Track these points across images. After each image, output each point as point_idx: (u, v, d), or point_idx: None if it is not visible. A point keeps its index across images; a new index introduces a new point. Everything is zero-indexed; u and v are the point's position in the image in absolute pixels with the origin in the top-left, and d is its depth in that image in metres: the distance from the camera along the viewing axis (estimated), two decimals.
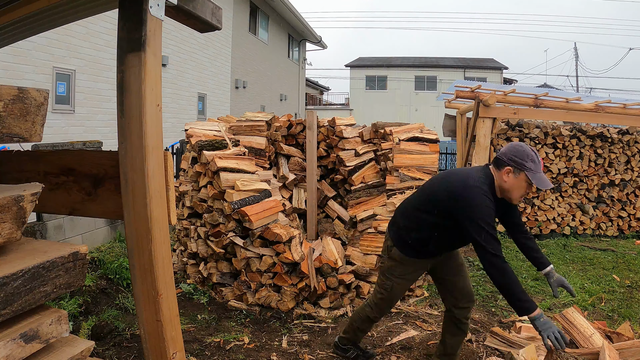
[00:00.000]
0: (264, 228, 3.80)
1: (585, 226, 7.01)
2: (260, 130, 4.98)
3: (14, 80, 5.90)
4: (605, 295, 4.32)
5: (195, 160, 4.41)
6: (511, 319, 3.78)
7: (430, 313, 3.88)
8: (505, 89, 7.58)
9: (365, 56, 33.43)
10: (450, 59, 30.88)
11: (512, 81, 30.46)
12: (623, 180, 7.05)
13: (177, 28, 9.45)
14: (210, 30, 2.16)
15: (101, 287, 3.96)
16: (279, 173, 5.37)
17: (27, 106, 1.37)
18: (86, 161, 1.96)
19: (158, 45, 1.79)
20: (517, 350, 2.88)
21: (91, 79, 7.60)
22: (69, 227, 4.84)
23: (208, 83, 12.23)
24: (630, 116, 6.87)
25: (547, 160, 6.88)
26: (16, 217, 1.30)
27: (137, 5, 1.72)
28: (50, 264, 1.37)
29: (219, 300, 4.00)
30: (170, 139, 9.51)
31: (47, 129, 3.30)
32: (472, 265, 5.29)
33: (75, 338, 1.54)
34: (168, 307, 1.86)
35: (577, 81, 31.24)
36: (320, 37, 21.09)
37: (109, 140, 6.64)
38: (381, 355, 3.11)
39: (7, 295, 1.23)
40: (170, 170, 1.90)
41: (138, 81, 1.73)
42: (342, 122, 5.69)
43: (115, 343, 3.11)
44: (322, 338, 3.39)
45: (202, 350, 3.11)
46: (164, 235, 1.86)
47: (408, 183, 4.45)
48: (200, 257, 4.28)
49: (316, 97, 33.50)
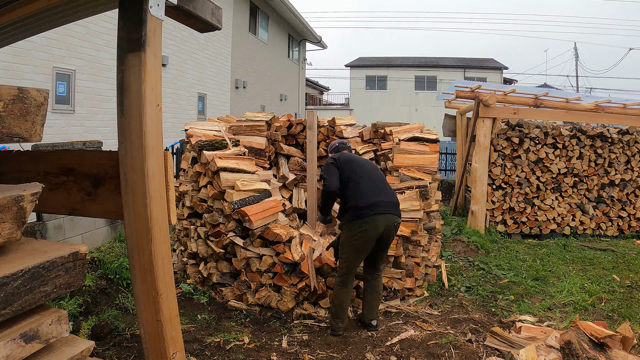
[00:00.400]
0: (264, 228, 3.80)
1: (585, 226, 7.01)
2: (260, 130, 4.98)
3: (14, 80, 5.90)
4: (605, 295, 4.32)
5: (195, 160, 4.41)
6: (511, 318, 3.78)
7: (431, 313, 3.88)
8: (505, 89, 7.59)
9: (365, 56, 33.42)
10: (450, 59, 30.88)
11: (512, 81, 30.46)
12: (623, 180, 7.05)
13: (177, 28, 9.44)
14: (210, 30, 2.16)
15: (101, 287, 3.96)
16: (279, 173, 5.37)
17: (27, 106, 1.37)
18: (86, 161, 1.96)
19: (158, 45, 1.79)
20: (517, 350, 2.88)
21: (91, 79, 7.60)
22: (69, 227, 4.84)
23: (208, 83, 12.23)
24: (630, 116, 6.88)
25: (547, 160, 6.88)
26: (16, 217, 1.30)
27: (137, 5, 1.72)
28: (50, 264, 1.37)
29: (219, 300, 4.00)
30: (170, 139, 9.51)
31: (47, 129, 3.30)
32: (472, 265, 5.30)
33: (75, 338, 1.54)
34: (168, 307, 1.86)
35: (577, 81, 31.24)
36: (320, 37, 21.09)
37: (109, 140, 6.64)
38: (381, 355, 3.11)
39: (7, 295, 1.23)
40: (170, 170, 1.90)
41: (138, 81, 1.73)
42: (342, 122, 5.69)
43: (115, 343, 3.11)
44: (322, 338, 3.39)
45: (202, 350, 3.11)
46: (164, 235, 1.86)
47: (408, 183, 4.45)
48: (200, 257, 4.28)
49: (316, 97, 33.50)
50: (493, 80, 25.53)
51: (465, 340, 3.30)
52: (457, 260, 5.43)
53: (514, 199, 6.90)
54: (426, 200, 4.34)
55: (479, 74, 27.12)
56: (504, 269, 5.17)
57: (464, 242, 6.00)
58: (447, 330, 3.50)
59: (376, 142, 5.48)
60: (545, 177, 6.92)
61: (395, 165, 4.70)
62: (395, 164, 4.71)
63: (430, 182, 4.50)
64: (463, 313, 3.87)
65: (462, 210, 8.04)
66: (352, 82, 29.81)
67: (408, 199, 4.19)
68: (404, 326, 3.59)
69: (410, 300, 4.16)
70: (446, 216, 7.59)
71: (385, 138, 5.35)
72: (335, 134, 5.58)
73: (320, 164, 5.69)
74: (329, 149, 4.09)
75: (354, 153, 5.38)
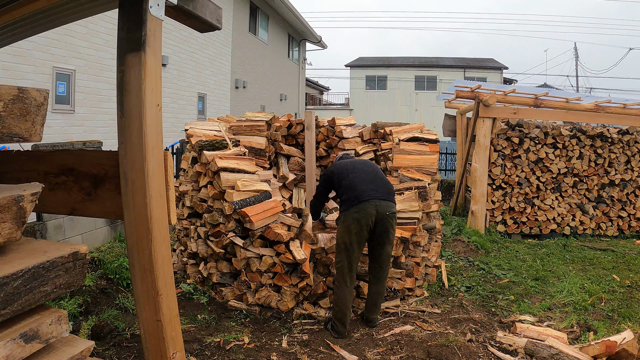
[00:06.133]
0: (264, 228, 3.80)
1: (585, 226, 7.01)
2: (260, 130, 4.97)
3: (14, 80, 5.90)
4: (605, 295, 4.32)
5: (195, 160, 4.41)
6: (511, 318, 3.78)
7: (431, 313, 3.88)
8: (505, 89, 7.59)
9: (365, 56, 33.41)
10: (450, 59, 30.87)
11: (512, 81, 30.45)
12: (623, 180, 7.05)
13: (177, 28, 9.44)
14: (210, 30, 2.16)
15: (101, 287, 3.96)
16: (279, 173, 5.37)
17: (27, 106, 1.37)
18: (86, 161, 1.96)
19: (158, 45, 1.79)
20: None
21: (91, 79, 7.60)
22: (69, 227, 4.84)
23: (208, 83, 12.23)
24: (630, 116, 6.88)
25: (547, 160, 6.88)
26: (16, 217, 1.30)
27: (137, 5, 1.72)
28: (50, 264, 1.37)
29: (219, 300, 4.00)
30: (170, 139, 9.51)
31: (47, 129, 3.30)
32: (472, 265, 5.30)
33: (75, 338, 1.54)
34: (168, 307, 1.86)
35: (577, 81, 31.24)
36: (320, 37, 21.09)
37: (109, 140, 6.64)
38: (381, 355, 3.11)
39: (7, 295, 1.23)
40: (170, 170, 1.90)
41: (138, 81, 1.73)
42: (342, 122, 5.69)
43: (115, 343, 3.11)
44: (321, 338, 3.39)
45: (202, 350, 3.11)
46: (164, 235, 1.86)
47: (407, 184, 4.45)
48: (200, 257, 4.28)
49: (316, 97, 33.49)
50: (493, 80, 25.52)
51: (465, 340, 3.30)
52: (457, 260, 5.43)
53: (514, 199, 6.90)
54: (425, 201, 4.34)
55: (479, 74, 27.13)
56: (504, 269, 5.17)
57: (464, 242, 5.99)
58: (447, 330, 3.50)
59: (376, 142, 5.48)
60: (545, 177, 6.92)
61: (395, 166, 4.70)
62: (394, 165, 4.71)
63: (429, 183, 4.49)
64: (463, 313, 3.87)
65: (462, 210, 8.04)
66: (352, 82, 29.81)
67: (407, 199, 4.19)
68: (404, 326, 3.59)
69: (410, 300, 4.16)
70: (446, 216, 7.59)
71: (385, 138, 5.35)
72: (335, 134, 5.58)
73: (320, 164, 5.69)
74: (334, 161, 4.22)
75: (354, 153, 5.39)
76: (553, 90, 11.09)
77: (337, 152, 5.46)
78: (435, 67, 28.66)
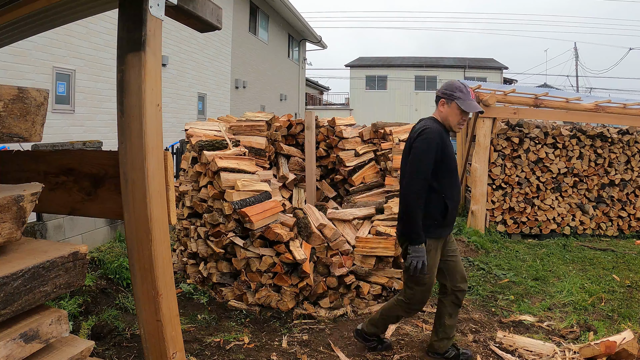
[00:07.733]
0: (264, 228, 3.80)
1: (585, 226, 7.01)
2: (260, 130, 4.98)
3: (14, 80, 5.90)
4: (605, 295, 4.32)
5: (195, 160, 4.41)
6: (511, 318, 3.78)
7: (431, 312, 3.88)
8: (505, 88, 7.58)
9: (365, 56, 33.42)
10: (450, 59, 30.88)
11: (512, 81, 30.45)
12: (623, 180, 7.05)
13: (177, 28, 9.44)
14: (210, 30, 2.16)
15: (101, 287, 3.96)
16: (279, 173, 5.37)
17: (27, 106, 1.37)
18: (86, 161, 1.96)
19: (158, 45, 1.79)
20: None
21: (91, 79, 7.60)
22: (69, 227, 4.84)
23: (208, 83, 12.23)
24: (630, 116, 6.87)
25: (547, 160, 6.88)
26: (16, 217, 1.30)
27: (137, 5, 1.72)
28: (50, 263, 1.37)
29: (219, 300, 4.00)
30: (170, 139, 9.51)
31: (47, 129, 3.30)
32: (472, 265, 5.29)
33: (75, 338, 1.54)
34: (168, 307, 1.86)
35: (577, 81, 31.23)
36: (320, 37, 21.10)
37: (109, 140, 6.64)
38: (381, 355, 3.11)
39: (7, 295, 1.23)
40: (170, 170, 1.90)
41: (138, 81, 1.73)
42: (342, 122, 5.69)
43: (115, 343, 3.11)
44: (321, 338, 3.39)
45: (202, 350, 3.11)
46: (164, 235, 1.86)
47: None
48: (200, 257, 4.28)
49: (316, 97, 33.49)
50: (493, 80, 25.53)
51: (465, 340, 3.30)
52: None
53: (514, 199, 6.90)
54: None
55: (479, 74, 27.14)
56: (504, 269, 5.17)
57: (464, 242, 5.99)
58: None
59: (376, 142, 5.48)
60: (545, 177, 6.92)
61: (395, 166, 4.70)
62: (394, 165, 4.71)
63: None
64: (463, 313, 3.87)
65: (462, 210, 8.04)
66: (352, 82, 29.82)
67: None
68: (404, 326, 3.59)
69: None
70: None
71: (385, 138, 5.35)
72: (335, 134, 5.58)
73: (320, 164, 5.69)
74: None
75: (354, 153, 5.39)
76: (553, 90, 11.09)
77: (337, 152, 5.46)
78: (435, 67, 28.67)
